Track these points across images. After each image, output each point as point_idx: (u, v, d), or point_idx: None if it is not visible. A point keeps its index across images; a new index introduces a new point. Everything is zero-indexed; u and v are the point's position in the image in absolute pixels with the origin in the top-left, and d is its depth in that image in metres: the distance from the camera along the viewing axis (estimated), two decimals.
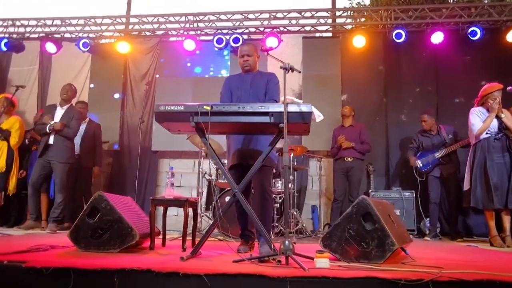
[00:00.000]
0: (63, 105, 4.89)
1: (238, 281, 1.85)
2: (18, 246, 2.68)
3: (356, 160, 5.41)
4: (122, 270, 1.92)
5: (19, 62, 6.91)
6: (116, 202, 2.88)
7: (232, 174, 3.21)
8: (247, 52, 3.34)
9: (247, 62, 3.34)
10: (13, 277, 1.99)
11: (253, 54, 3.37)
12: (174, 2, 6.75)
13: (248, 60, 3.34)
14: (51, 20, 6.74)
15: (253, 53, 3.37)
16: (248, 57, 3.34)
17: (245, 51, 3.34)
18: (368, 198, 2.50)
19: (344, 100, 6.41)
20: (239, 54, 3.38)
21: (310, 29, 6.39)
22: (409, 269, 2.00)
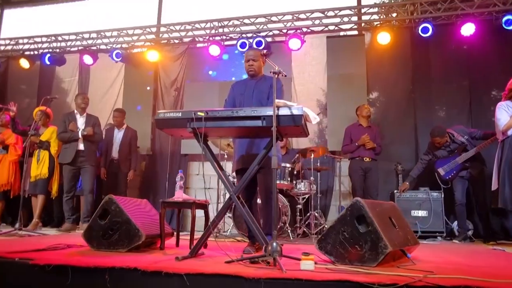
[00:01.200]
0: (82, 114, 5.23)
1: (216, 281, 1.92)
2: (40, 244, 2.94)
3: (373, 161, 5.30)
4: (113, 268, 2.06)
5: (61, 74, 7.45)
6: (126, 204, 3.06)
7: (238, 179, 3.31)
8: (252, 56, 3.41)
9: (252, 66, 3.41)
10: (21, 272, 2.19)
11: (258, 59, 3.43)
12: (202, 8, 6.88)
13: (253, 65, 3.41)
14: (88, 34, 7.20)
15: (258, 58, 3.43)
16: (253, 62, 3.41)
17: (250, 56, 3.41)
18: (362, 200, 2.47)
19: (370, 99, 6.28)
20: (245, 58, 3.46)
21: (334, 28, 6.31)
22: (390, 273, 1.96)
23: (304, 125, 2.63)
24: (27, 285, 2.16)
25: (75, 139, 5.05)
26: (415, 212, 5.02)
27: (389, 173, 5.77)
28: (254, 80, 3.46)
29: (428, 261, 2.68)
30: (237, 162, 3.32)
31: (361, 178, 5.33)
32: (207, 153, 2.76)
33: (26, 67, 7.25)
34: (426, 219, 4.96)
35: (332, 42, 6.27)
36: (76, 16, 7.70)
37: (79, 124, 5.15)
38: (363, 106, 5.60)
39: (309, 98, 6.38)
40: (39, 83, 7.40)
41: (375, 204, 2.64)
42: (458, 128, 4.98)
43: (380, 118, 6.18)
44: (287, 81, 6.39)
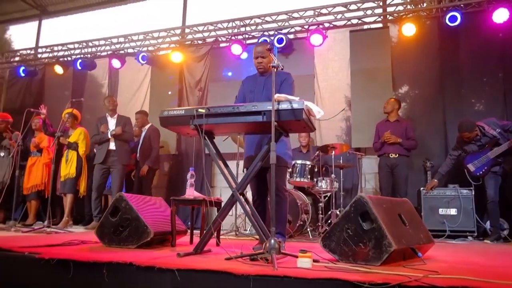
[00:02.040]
0: (113, 115, 5.40)
1: (205, 277, 1.91)
2: (57, 241, 3.06)
3: (401, 157, 5.06)
4: (110, 263, 2.10)
5: (92, 78, 7.75)
6: (137, 202, 3.12)
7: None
8: (260, 53, 3.36)
9: (261, 64, 3.36)
10: (29, 266, 2.28)
11: (267, 55, 3.37)
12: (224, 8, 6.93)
13: (262, 62, 3.35)
14: (116, 38, 7.45)
15: (267, 54, 3.37)
16: (262, 59, 3.35)
17: (259, 53, 3.36)
18: (365, 196, 2.37)
19: (397, 94, 6.05)
20: (254, 55, 3.41)
21: (357, 22, 6.14)
22: (389, 272, 1.86)
23: (306, 120, 2.56)
24: (33, 278, 2.25)
25: (105, 139, 5.23)
26: (443, 211, 4.77)
27: (418, 170, 5.53)
28: (264, 76, 3.41)
29: (441, 261, 2.54)
30: (246, 159, 3.30)
31: (388, 175, 5.13)
32: (211, 150, 2.75)
33: (60, 73, 7.61)
34: (455, 217, 4.69)
35: (355, 37, 6.09)
36: (105, 22, 7.99)
37: (110, 125, 5.32)
38: (388, 100, 5.40)
39: (333, 94, 6.25)
40: (73, 88, 7.73)
41: (382, 200, 2.53)
42: (490, 120, 4.68)
43: (407, 112, 5.94)
44: (310, 78, 6.31)
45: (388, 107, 5.28)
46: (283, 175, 3.18)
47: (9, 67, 8.38)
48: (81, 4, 8.74)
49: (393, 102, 5.34)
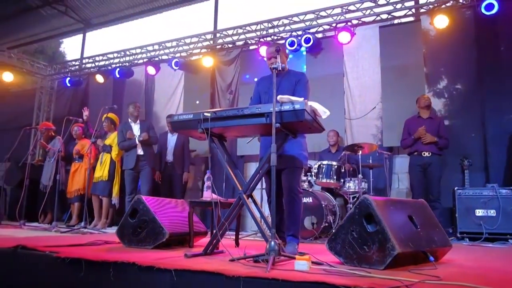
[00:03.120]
0: (136, 121, 5.61)
1: (200, 277, 1.95)
2: (83, 240, 3.26)
3: (435, 156, 4.82)
4: (115, 263, 2.20)
5: (131, 85, 8.10)
6: (155, 204, 3.23)
7: (266, 178, 3.31)
8: (273, 54, 3.35)
9: (273, 64, 3.36)
10: (47, 263, 2.45)
11: (280, 55, 3.36)
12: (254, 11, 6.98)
13: (277, 61, 3.34)
14: (151, 46, 7.75)
15: (281, 54, 3.36)
16: (275, 59, 3.35)
17: (271, 53, 3.35)
18: (370, 197, 2.30)
19: (432, 89, 5.77)
20: (267, 56, 3.42)
21: (387, 17, 5.94)
22: (383, 276, 1.79)
23: (310, 121, 2.54)
24: (50, 275, 2.41)
25: (134, 145, 5.46)
26: (480, 212, 4.48)
27: (454, 169, 5.24)
28: (278, 77, 3.40)
29: (457, 265, 2.40)
30: (260, 161, 3.30)
31: (420, 175, 4.91)
32: (219, 153, 2.80)
33: (101, 82, 8.03)
34: (494, 219, 4.39)
35: (385, 32, 5.90)
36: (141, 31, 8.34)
37: (135, 131, 5.54)
38: (421, 96, 5.17)
39: (363, 92, 6.09)
40: (113, 95, 8.12)
41: (390, 202, 2.44)
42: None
43: (442, 109, 5.65)
44: (339, 77, 6.18)
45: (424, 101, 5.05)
46: (297, 177, 3.14)
47: (57, 78, 8.99)
48: (121, 15, 9.20)
49: (428, 98, 5.11)
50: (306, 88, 3.28)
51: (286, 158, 3.10)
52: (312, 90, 6.28)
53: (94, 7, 9.15)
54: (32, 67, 8.86)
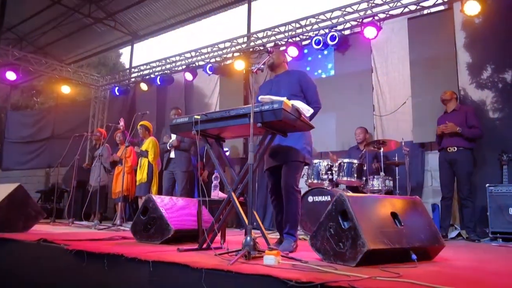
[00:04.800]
0: None
1: (171, 268, 2.11)
2: (103, 236, 3.59)
3: (462, 150, 4.55)
4: (108, 254, 2.43)
5: (172, 91, 8.55)
6: (165, 203, 3.46)
7: (269, 176, 3.39)
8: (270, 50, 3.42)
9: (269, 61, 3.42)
10: (59, 254, 2.76)
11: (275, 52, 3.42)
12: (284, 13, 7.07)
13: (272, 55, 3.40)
14: (189, 53, 8.12)
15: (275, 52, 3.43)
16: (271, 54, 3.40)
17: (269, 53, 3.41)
18: (344, 194, 2.30)
19: (472, 81, 5.43)
20: None
21: (415, 8, 5.70)
22: (342, 272, 1.82)
23: (293, 119, 2.60)
24: (60, 263, 2.72)
25: (166, 150, 5.81)
26: None
27: (492, 164, 4.90)
28: (278, 76, 3.47)
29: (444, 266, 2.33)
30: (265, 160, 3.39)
31: (448, 172, 4.68)
32: (211, 152, 2.95)
33: (145, 90, 8.57)
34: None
35: (414, 24, 5.67)
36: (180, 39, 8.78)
37: (173, 135, 5.87)
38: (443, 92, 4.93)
39: (393, 88, 5.90)
40: (157, 102, 8.63)
41: (369, 199, 2.42)
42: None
43: (477, 101, 5.30)
44: (367, 73, 6.05)
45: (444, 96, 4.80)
46: (294, 173, 3.15)
47: (109, 88, 9.74)
48: (163, 25, 9.76)
49: (445, 92, 4.85)
50: (313, 89, 3.31)
51: (287, 152, 3.14)
52: (340, 87, 6.28)
53: (140, 20, 9.80)
54: (86, 79, 9.70)
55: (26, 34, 10.86)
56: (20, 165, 11.36)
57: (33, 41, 11.07)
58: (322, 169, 4.87)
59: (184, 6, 9.01)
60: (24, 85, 14.26)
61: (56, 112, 10.96)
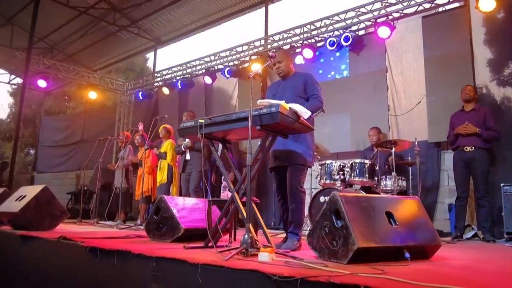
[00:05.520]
0: None
1: (171, 263, 2.26)
2: (119, 234, 3.81)
3: (478, 150, 4.47)
4: (117, 250, 2.62)
5: (193, 95, 8.78)
6: (176, 203, 3.62)
7: (274, 176, 3.50)
8: (277, 59, 3.52)
9: (279, 69, 3.54)
10: (76, 250, 2.97)
11: (283, 59, 3.52)
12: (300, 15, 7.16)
13: (280, 67, 3.52)
14: (208, 57, 8.33)
15: (283, 58, 3.53)
16: (279, 64, 3.52)
17: (275, 60, 3.52)
18: (338, 194, 2.38)
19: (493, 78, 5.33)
20: (272, 63, 3.59)
21: (430, 6, 5.65)
22: (309, 265, 1.93)
23: (290, 121, 2.69)
24: (77, 259, 2.93)
25: (181, 151, 6.01)
26: None
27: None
28: (286, 80, 3.57)
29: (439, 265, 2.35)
30: (270, 160, 3.50)
31: (463, 171, 4.62)
32: (215, 154, 3.08)
33: (167, 94, 8.85)
34: None
35: (428, 22, 5.62)
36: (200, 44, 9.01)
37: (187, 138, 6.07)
38: (464, 87, 4.84)
39: (408, 87, 5.86)
40: (179, 105, 8.90)
41: (362, 198, 2.48)
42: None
43: (499, 98, 5.19)
44: (382, 73, 6.03)
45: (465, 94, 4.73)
46: (298, 175, 3.25)
47: (133, 93, 10.11)
48: (184, 30, 10.04)
49: (470, 90, 4.77)
50: (316, 86, 3.38)
51: (290, 155, 3.25)
52: (354, 88, 6.30)
53: (162, 26, 10.12)
54: (112, 84, 10.10)
55: (56, 43, 11.43)
56: (52, 168, 11.94)
57: (63, 49, 11.63)
58: (335, 170, 4.91)
59: (204, 11, 9.24)
60: (56, 91, 14.97)
61: (85, 117, 11.46)
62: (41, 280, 3.24)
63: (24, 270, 3.49)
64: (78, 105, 17.58)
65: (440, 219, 5.35)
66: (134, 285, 2.46)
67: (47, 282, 3.18)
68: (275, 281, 1.76)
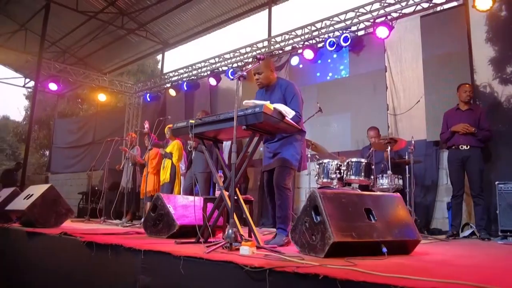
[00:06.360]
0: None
1: (158, 256, 2.40)
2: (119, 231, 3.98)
3: (473, 149, 4.49)
4: (111, 245, 2.77)
5: (199, 96, 8.94)
6: (174, 201, 3.76)
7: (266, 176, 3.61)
8: (255, 70, 3.52)
9: (258, 80, 3.54)
10: (74, 245, 3.14)
11: (263, 70, 3.48)
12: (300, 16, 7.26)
13: (259, 79, 3.51)
14: (213, 59, 8.48)
15: (263, 69, 3.48)
16: (259, 75, 3.49)
17: (255, 70, 3.51)
18: (317, 190, 2.48)
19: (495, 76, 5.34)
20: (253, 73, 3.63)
21: (428, 5, 5.68)
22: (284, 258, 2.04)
23: (275, 121, 2.81)
24: (75, 253, 3.10)
25: (189, 151, 6.17)
26: None
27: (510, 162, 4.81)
28: (268, 90, 3.60)
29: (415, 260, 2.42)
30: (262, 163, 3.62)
31: (458, 169, 4.64)
32: (206, 153, 3.21)
33: (173, 95, 9.04)
34: None
35: (426, 21, 5.65)
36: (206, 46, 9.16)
37: None
38: (462, 86, 4.84)
39: (407, 86, 5.90)
40: (185, 106, 9.08)
41: (342, 195, 2.56)
42: None
43: (503, 96, 5.19)
44: (381, 72, 6.08)
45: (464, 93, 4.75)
46: (284, 174, 3.31)
47: (141, 95, 10.34)
48: (191, 33, 10.23)
49: (468, 90, 4.78)
50: (296, 99, 3.39)
51: (277, 159, 3.36)
52: (354, 88, 6.36)
53: (170, 29, 10.33)
54: (121, 87, 10.35)
55: (68, 47, 11.75)
56: (66, 169, 12.27)
57: (75, 53, 11.94)
58: (332, 168, 4.98)
59: (209, 14, 9.40)
60: (69, 94, 15.36)
61: (96, 119, 11.76)
62: (45, 272, 3.42)
63: (31, 262, 3.69)
64: (90, 107, 17.98)
65: (439, 217, 5.38)
66: (125, 276, 2.60)
67: (50, 273, 3.36)
68: (247, 272, 1.87)
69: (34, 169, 19.55)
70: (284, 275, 1.77)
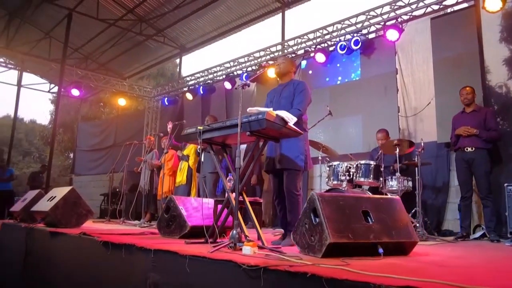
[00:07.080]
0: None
1: (166, 255, 2.57)
2: (135, 231, 4.18)
3: (479, 150, 4.50)
4: (125, 244, 2.96)
5: (215, 100, 9.14)
6: (185, 203, 3.94)
7: (270, 177, 3.76)
8: (282, 59, 3.81)
9: (278, 66, 3.77)
10: (92, 244, 3.36)
11: (286, 61, 3.77)
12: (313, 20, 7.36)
13: (280, 65, 3.77)
14: (228, 63, 8.67)
15: (286, 61, 3.78)
16: (281, 62, 3.78)
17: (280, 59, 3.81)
18: (316, 193, 2.60)
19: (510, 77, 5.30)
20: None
21: (438, 7, 5.69)
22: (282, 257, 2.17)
23: (277, 127, 2.94)
24: (93, 252, 3.31)
25: (198, 153, 6.36)
26: None
27: None
28: (281, 86, 3.80)
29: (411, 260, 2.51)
30: (265, 163, 3.75)
31: (465, 171, 4.66)
32: (214, 157, 3.38)
33: (190, 99, 9.27)
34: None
35: (437, 23, 5.66)
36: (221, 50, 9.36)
37: None
38: (462, 89, 4.85)
39: (418, 88, 5.92)
40: (202, 110, 9.29)
41: (340, 198, 2.67)
42: None
43: (507, 98, 5.17)
44: (392, 75, 6.11)
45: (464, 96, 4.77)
46: (294, 179, 3.46)
47: (160, 99, 10.63)
48: (207, 37, 10.46)
49: (468, 92, 4.78)
50: (302, 95, 3.57)
51: (284, 159, 3.49)
52: (366, 90, 6.42)
53: (187, 34, 10.59)
54: (140, 91, 10.67)
55: (90, 53, 12.18)
56: (88, 171, 12.71)
57: (96, 59, 12.37)
58: (341, 171, 5.07)
59: (225, 19, 9.61)
60: (91, 98, 15.87)
61: (117, 122, 12.14)
62: (66, 269, 3.66)
63: (54, 261, 3.94)
64: (112, 111, 18.50)
65: (450, 219, 5.38)
66: (137, 274, 2.78)
67: (71, 270, 3.60)
68: (244, 270, 2.02)
69: (59, 171, 20.26)
70: (277, 273, 1.90)
